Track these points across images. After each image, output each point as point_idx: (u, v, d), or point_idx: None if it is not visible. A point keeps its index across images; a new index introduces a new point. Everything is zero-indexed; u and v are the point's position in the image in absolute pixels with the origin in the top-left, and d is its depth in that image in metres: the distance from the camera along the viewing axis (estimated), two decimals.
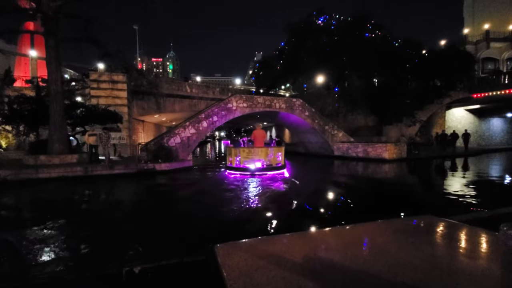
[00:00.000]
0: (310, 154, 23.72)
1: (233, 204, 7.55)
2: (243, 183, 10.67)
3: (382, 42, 26.44)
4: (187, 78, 36.72)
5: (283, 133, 32.13)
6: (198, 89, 25.82)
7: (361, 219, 2.06)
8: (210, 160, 24.97)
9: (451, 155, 20.26)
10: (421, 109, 24.50)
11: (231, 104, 19.14)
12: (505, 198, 9.01)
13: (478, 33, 41.06)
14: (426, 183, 12.24)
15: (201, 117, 18.37)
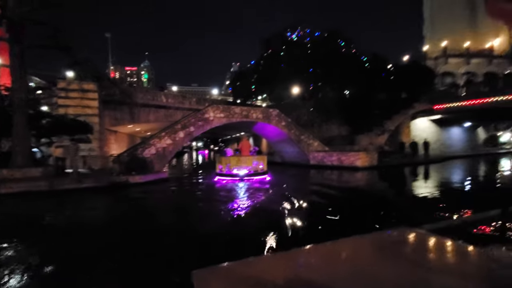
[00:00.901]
0: (286, 163, 24.14)
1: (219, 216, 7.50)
2: (232, 189, 12.30)
3: (352, 57, 28.04)
4: (163, 88, 36.19)
5: (260, 142, 32.47)
6: (174, 99, 25.50)
7: (338, 219, 2.35)
8: (188, 171, 24.50)
9: (417, 162, 21.65)
10: (389, 119, 26.07)
11: (208, 115, 19.11)
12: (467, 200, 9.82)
13: (437, 49, 44.95)
14: (397, 189, 13.02)
15: (178, 127, 18.12)
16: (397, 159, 22.03)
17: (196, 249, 5.21)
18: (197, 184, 16.15)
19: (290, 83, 28.90)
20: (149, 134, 28.69)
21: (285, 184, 14.20)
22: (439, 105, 25.68)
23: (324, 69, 27.32)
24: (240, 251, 4.91)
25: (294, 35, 32.78)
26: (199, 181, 17.24)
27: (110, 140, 22.82)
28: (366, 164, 18.48)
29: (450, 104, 24.97)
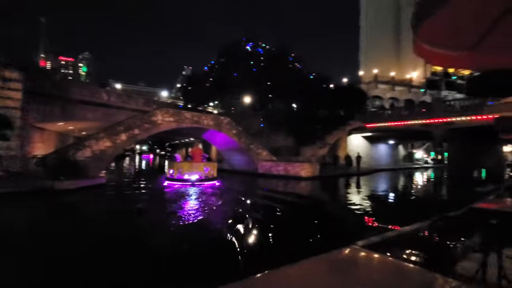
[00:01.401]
0: (235, 171, 24.31)
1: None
2: (186, 193, 12.77)
3: (300, 73, 30.21)
4: (105, 84, 33.01)
5: (209, 150, 32.04)
6: (118, 97, 23.49)
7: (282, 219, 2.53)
8: (130, 176, 22.63)
9: (351, 174, 24.19)
10: (329, 133, 28.62)
11: (156, 118, 18.16)
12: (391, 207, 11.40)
13: (369, 75, 51.54)
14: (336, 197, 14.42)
15: (120, 128, 16.75)
16: (335, 170, 24.26)
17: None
18: (142, 190, 15.27)
19: (242, 92, 29.50)
20: (84, 134, 25.71)
21: (235, 189, 15.33)
22: (370, 124, 29.31)
23: (275, 82, 28.74)
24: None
25: (249, 47, 33.79)
26: (144, 186, 16.34)
27: (35, 139, 19.69)
28: (310, 175, 19.87)
29: (379, 124, 28.75)
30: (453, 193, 15.97)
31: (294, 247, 6.09)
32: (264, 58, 31.86)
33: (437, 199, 14.46)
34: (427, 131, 24.69)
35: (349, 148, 30.29)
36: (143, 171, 29.44)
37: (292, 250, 5.99)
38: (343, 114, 28.45)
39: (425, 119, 24.56)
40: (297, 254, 4.34)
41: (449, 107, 24.00)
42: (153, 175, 24.00)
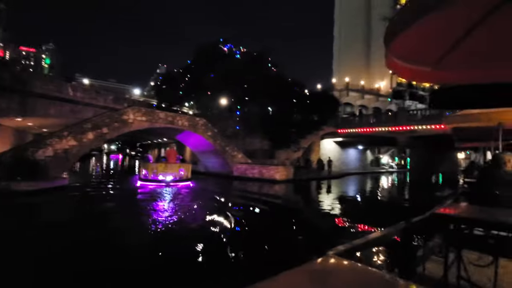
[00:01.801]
0: (210, 173, 23.99)
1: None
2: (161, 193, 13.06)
3: (277, 78, 30.68)
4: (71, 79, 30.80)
5: (184, 151, 31.29)
6: (85, 93, 22.06)
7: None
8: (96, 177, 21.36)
9: (323, 177, 25.01)
10: (304, 138, 29.39)
11: (127, 116, 17.39)
12: (361, 209, 11.97)
13: (341, 83, 53.98)
14: (309, 199, 14.85)
15: (87, 127, 15.80)
16: (308, 174, 24.94)
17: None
18: (111, 191, 14.55)
19: (218, 94, 29.26)
20: (45, 131, 23.82)
21: (211, 191, 15.61)
22: (341, 130, 30.62)
23: (251, 85, 28.91)
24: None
25: (226, 48, 33.67)
26: (113, 187, 15.71)
27: None
28: (284, 178, 20.21)
29: (349, 130, 30.15)
30: (415, 197, 17.19)
31: (268, 248, 6.17)
32: (241, 60, 31.95)
33: (402, 203, 15.49)
34: (392, 138, 26.38)
35: (321, 152, 31.32)
36: (112, 171, 27.93)
37: (265, 252, 6.06)
38: (316, 119, 29.38)
39: (390, 126, 26.23)
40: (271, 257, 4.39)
41: (412, 116, 25.87)
42: (123, 176, 23.21)
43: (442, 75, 2.53)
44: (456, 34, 2.05)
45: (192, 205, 11.36)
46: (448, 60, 2.27)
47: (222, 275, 4.87)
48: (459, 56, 2.20)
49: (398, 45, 2.13)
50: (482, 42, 2.01)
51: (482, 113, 4.26)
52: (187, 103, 33.31)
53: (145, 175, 15.87)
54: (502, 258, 2.27)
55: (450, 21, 1.91)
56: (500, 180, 2.98)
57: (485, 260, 1.99)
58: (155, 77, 57.96)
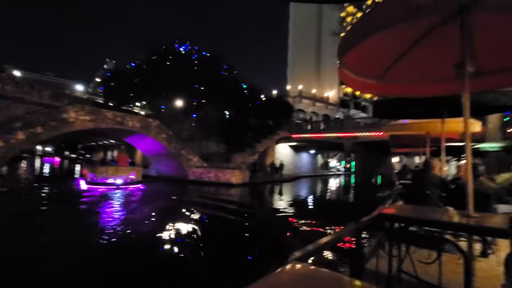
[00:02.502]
0: (163, 177, 22.79)
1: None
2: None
3: (234, 82, 30.81)
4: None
5: (134, 154, 29.15)
6: (16, 87, 19.07)
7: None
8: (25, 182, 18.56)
9: (278, 180, 25.79)
10: (259, 142, 29.97)
11: (67, 115, 15.58)
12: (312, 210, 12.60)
13: (295, 90, 56.64)
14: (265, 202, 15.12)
15: (16, 125, 13.74)
16: (263, 177, 25.46)
17: None
18: (54, 195, 13.66)
19: (173, 95, 28.11)
20: None
21: (165, 194, 15.27)
22: (295, 135, 32.11)
23: (208, 88, 28.47)
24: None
25: (182, 49, 32.62)
26: (50, 192, 14.37)
27: None
28: (240, 181, 20.27)
29: (302, 135, 31.79)
30: (360, 198, 18.83)
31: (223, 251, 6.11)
32: (198, 62, 31.26)
33: (350, 203, 16.86)
34: (339, 143, 28.60)
35: (276, 156, 32.30)
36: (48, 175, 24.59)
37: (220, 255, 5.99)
38: (272, 124, 30.26)
39: (338, 132, 28.46)
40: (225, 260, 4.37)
41: (356, 124, 28.46)
42: (62, 180, 20.85)
43: (384, 88, 2.86)
44: (396, 53, 2.35)
45: (145, 209, 11.42)
46: (389, 75, 2.58)
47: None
48: (398, 72, 2.53)
49: (349, 59, 2.35)
50: (415, 61, 2.34)
51: (413, 123, 4.91)
52: (138, 103, 31.20)
53: (93, 179, 16.00)
54: (433, 251, 2.65)
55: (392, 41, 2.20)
56: (430, 182, 3.47)
57: (423, 254, 2.30)
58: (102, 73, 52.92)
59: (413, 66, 2.43)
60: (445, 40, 1.95)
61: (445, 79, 2.44)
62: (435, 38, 1.98)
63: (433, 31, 1.93)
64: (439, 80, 2.55)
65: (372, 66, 2.58)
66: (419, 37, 2.07)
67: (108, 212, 10.23)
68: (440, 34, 1.90)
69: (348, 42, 2.13)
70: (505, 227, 1.67)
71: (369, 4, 15.33)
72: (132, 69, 30.48)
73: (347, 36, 2.13)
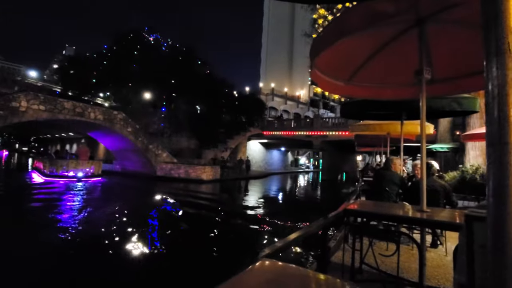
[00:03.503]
0: (129, 173, 21.70)
1: None
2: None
3: (206, 76, 30.19)
4: None
5: (96, 148, 27.30)
6: None
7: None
8: None
9: (249, 177, 25.94)
10: (231, 138, 29.83)
11: (17, 103, 14.09)
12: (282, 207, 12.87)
13: (268, 88, 57.19)
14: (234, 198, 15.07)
15: None
16: (234, 174, 25.44)
17: None
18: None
19: (141, 87, 26.76)
20: None
21: (128, 189, 15.50)
22: (267, 132, 32.47)
23: (179, 81, 27.57)
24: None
25: (152, 38, 31.10)
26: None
27: None
28: (211, 178, 20.02)
29: (274, 132, 32.25)
30: (327, 194, 19.66)
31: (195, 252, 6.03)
32: (169, 54, 30.06)
33: (318, 199, 17.51)
34: (309, 141, 29.53)
35: (248, 153, 32.42)
36: None
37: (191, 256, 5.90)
38: (244, 120, 30.24)
39: (307, 131, 29.35)
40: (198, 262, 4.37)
41: (325, 123, 29.56)
42: (13, 174, 20.22)
43: (351, 90, 3.00)
44: (363, 57, 2.48)
45: (106, 198, 12.04)
46: (356, 78, 2.72)
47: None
48: (364, 75, 2.67)
49: (321, 60, 2.43)
50: (380, 66, 2.49)
51: (376, 124, 5.24)
52: (102, 94, 29.20)
53: (53, 171, 16.98)
54: (391, 243, 2.88)
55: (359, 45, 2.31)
56: (389, 179, 3.74)
57: (382, 246, 2.48)
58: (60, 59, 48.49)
59: (378, 70, 2.58)
60: (407, 48, 2.10)
61: (405, 84, 2.63)
62: (398, 46, 2.12)
63: (396, 39, 2.06)
64: (400, 84, 2.74)
65: (341, 69, 2.69)
66: (383, 44, 2.20)
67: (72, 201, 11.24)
68: (402, 42, 2.04)
69: (319, 44, 2.19)
70: (453, 221, 1.86)
71: (340, 8, 15.92)
72: (95, 57, 28.40)
73: (319, 38, 2.19)
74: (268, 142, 35.21)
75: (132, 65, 26.01)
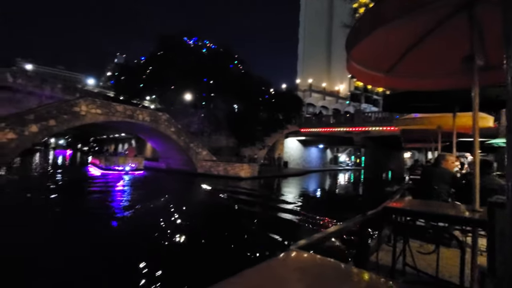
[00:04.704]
0: (172, 171, 23.20)
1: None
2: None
3: (243, 75, 30.71)
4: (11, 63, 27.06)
5: (144, 147, 29.71)
6: (28, 80, 19.79)
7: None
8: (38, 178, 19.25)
9: (286, 174, 25.81)
10: (269, 136, 29.95)
11: (79, 108, 15.95)
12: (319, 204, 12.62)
13: (305, 84, 55.95)
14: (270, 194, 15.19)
15: (29, 118, 14.17)
16: (271, 171, 25.54)
17: None
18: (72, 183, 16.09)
19: (183, 89, 28.32)
20: None
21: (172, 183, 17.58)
22: (304, 129, 31.87)
23: (217, 81, 28.52)
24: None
25: (192, 42, 32.65)
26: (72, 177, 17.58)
27: None
28: (249, 175, 20.41)
29: (311, 129, 31.52)
30: (369, 192, 18.65)
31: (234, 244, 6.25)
32: (207, 55, 31.27)
33: (359, 198, 16.73)
34: (349, 138, 28.22)
35: (285, 151, 32.24)
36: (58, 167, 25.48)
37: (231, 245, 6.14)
38: (282, 118, 30.09)
39: (348, 127, 28.06)
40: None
41: (367, 118, 27.95)
42: (78, 170, 23.97)
43: (392, 81, 2.82)
44: (405, 46, 2.32)
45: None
46: (398, 68, 2.55)
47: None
48: (407, 65, 2.49)
49: (358, 52, 2.33)
50: (425, 54, 2.30)
51: (425, 117, 4.82)
52: (148, 97, 31.61)
53: (107, 166, 21.50)
54: (432, 244, 2.65)
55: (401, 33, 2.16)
56: (439, 177, 3.43)
57: (427, 248, 2.29)
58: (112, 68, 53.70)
59: (423, 59, 2.39)
60: (455, 33, 1.91)
61: (455, 72, 2.39)
62: (444, 31, 1.94)
63: (442, 24, 1.89)
64: (450, 73, 2.50)
65: (381, 59, 2.55)
66: (428, 30, 2.04)
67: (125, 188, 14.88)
68: (449, 27, 1.87)
69: (356, 34, 2.11)
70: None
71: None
72: (142, 63, 30.83)
73: (355, 29, 2.11)
74: (306, 139, 34.55)
75: (174, 68, 27.64)
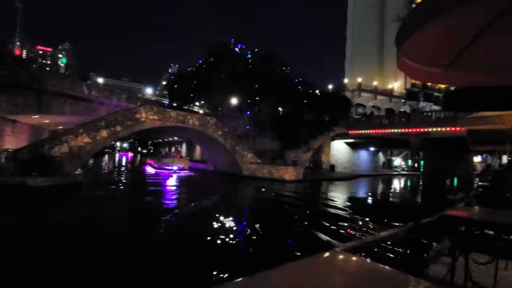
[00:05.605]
0: (219, 172, 24.18)
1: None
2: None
3: (287, 78, 30.56)
4: (86, 77, 31.58)
5: (193, 150, 31.64)
6: (99, 92, 22.70)
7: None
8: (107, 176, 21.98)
9: (333, 178, 24.74)
10: (314, 138, 29.15)
11: (139, 115, 17.75)
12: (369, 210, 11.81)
13: (354, 83, 53.07)
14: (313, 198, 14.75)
15: (101, 124, 16.22)
16: (318, 174, 24.77)
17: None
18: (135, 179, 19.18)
19: (229, 94, 29.40)
20: (61, 128, 24.62)
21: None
22: (352, 131, 30.18)
23: (262, 85, 28.91)
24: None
25: (238, 48, 33.79)
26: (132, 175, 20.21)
27: (5, 131, 18.64)
28: (293, 178, 20.16)
29: (361, 131, 29.67)
30: (428, 200, 16.76)
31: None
32: (252, 60, 31.99)
33: (414, 206, 15.14)
34: (405, 140, 25.76)
35: (332, 153, 30.98)
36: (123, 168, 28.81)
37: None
38: (328, 120, 29.05)
39: (403, 128, 25.62)
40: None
41: (426, 118, 25.20)
42: (133, 173, 26.46)
43: (453, 77, 2.48)
44: (468, 36, 2.01)
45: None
46: (459, 62, 2.23)
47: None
48: (471, 58, 2.15)
49: (410, 47, 2.10)
50: (493, 45, 1.96)
51: (497, 116, 4.14)
52: (197, 103, 33.66)
53: (160, 165, 25.97)
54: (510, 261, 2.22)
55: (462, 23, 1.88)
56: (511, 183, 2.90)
57: (492, 262, 1.94)
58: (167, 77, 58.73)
59: (489, 50, 2.06)
60: None
61: None
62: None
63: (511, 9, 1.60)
64: None
65: (437, 53, 2.26)
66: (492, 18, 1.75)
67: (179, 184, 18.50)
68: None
69: (408, 28, 1.92)
70: None
71: None
72: (192, 72, 32.97)
73: (407, 22, 1.93)
74: (354, 141, 32.70)
75: (222, 74, 28.92)
